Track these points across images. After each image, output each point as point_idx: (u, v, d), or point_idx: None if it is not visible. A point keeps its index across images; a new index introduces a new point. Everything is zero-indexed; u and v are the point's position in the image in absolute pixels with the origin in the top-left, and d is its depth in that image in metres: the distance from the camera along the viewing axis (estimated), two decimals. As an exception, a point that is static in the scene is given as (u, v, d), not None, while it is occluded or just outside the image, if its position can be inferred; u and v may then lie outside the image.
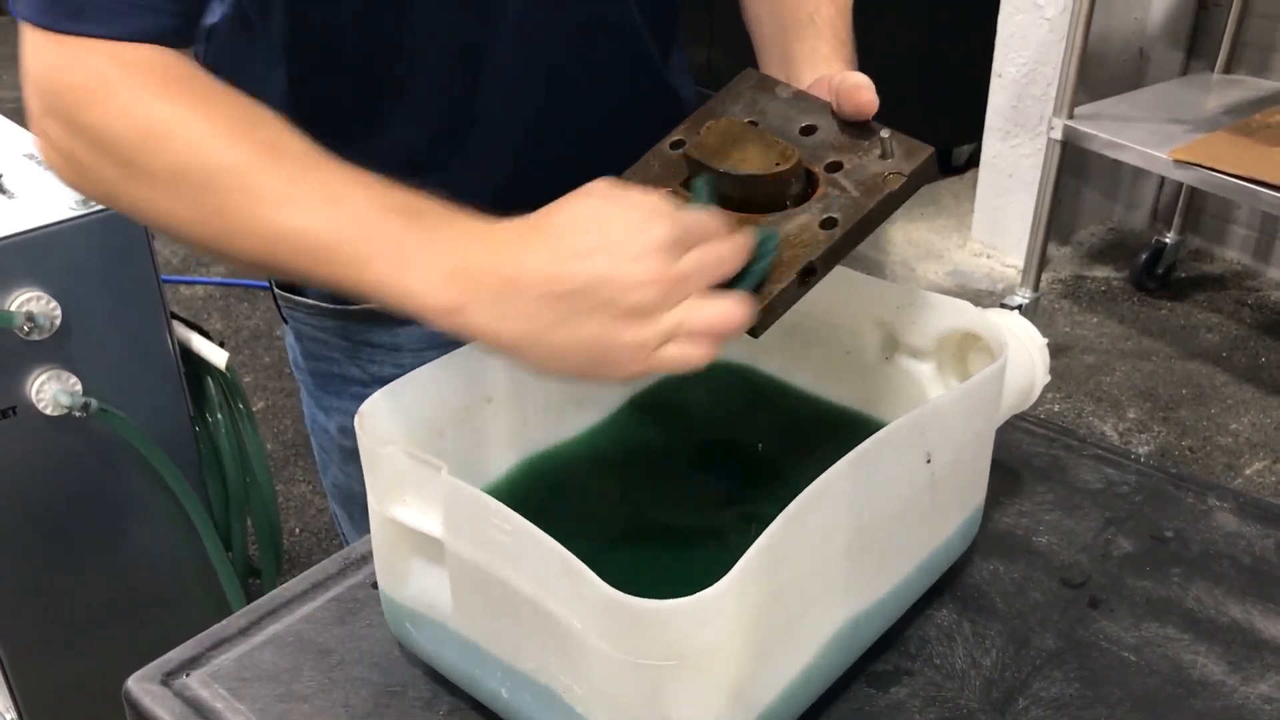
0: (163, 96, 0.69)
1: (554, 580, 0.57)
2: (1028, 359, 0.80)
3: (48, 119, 0.71)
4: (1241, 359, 2.65)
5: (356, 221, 0.64)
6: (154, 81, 0.69)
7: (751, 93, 0.78)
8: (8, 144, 1.43)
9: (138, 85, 0.69)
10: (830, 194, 0.71)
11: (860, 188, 0.71)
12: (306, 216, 0.65)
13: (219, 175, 0.66)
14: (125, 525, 1.40)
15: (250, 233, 0.66)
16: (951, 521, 0.75)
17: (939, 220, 3.30)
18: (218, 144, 0.67)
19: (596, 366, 0.62)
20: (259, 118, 0.69)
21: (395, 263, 0.63)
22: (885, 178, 0.71)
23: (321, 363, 0.99)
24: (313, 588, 0.79)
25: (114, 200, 0.72)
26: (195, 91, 0.69)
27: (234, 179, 0.66)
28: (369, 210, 0.64)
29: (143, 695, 0.71)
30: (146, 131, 0.68)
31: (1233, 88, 2.65)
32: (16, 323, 1.21)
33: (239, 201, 0.66)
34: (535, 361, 0.63)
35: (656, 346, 0.61)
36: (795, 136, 0.74)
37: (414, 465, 0.63)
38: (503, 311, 0.61)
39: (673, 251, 0.61)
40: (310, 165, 0.67)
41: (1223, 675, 0.72)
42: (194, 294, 3.05)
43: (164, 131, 0.67)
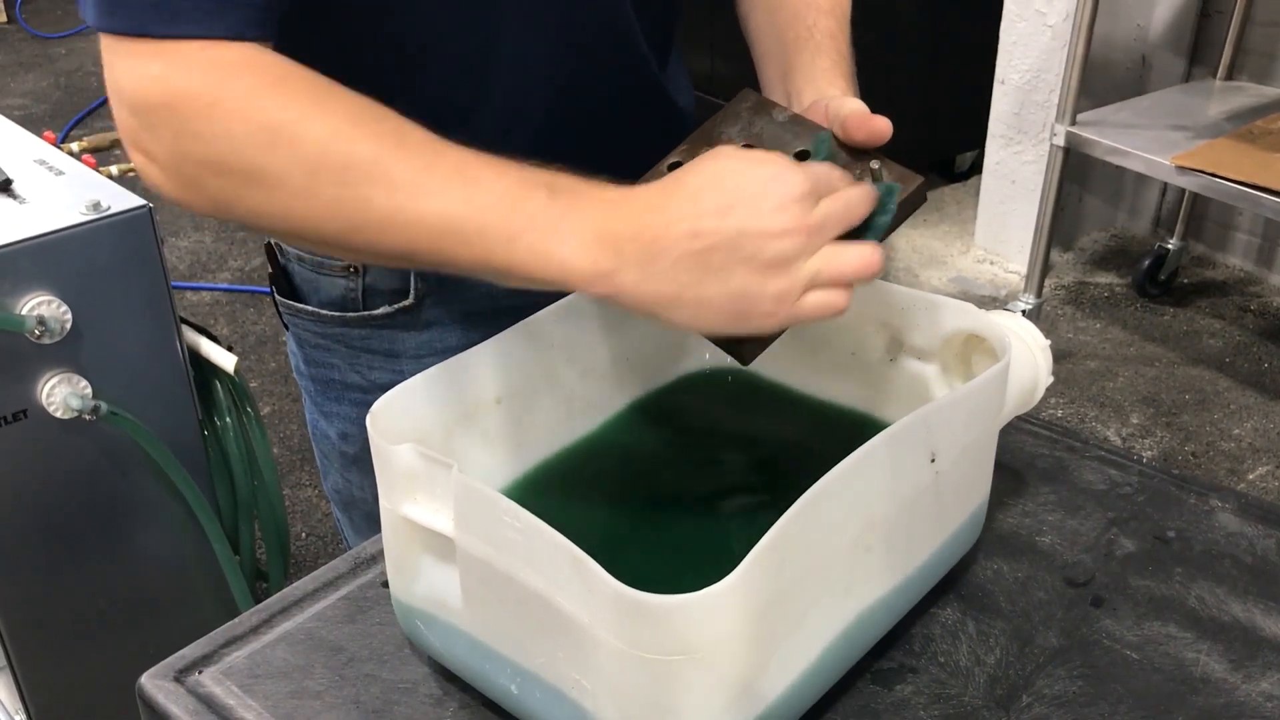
0: (278, 96, 0.67)
1: (563, 576, 0.58)
2: (1031, 360, 0.80)
3: (149, 135, 0.69)
4: (1244, 365, 2.66)
5: (498, 200, 0.65)
6: (266, 81, 0.68)
7: (749, 114, 0.79)
8: (19, 150, 1.44)
9: (251, 87, 0.68)
10: None
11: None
12: (448, 200, 0.65)
13: (354, 169, 0.66)
14: (134, 528, 1.41)
15: (392, 223, 0.66)
16: (955, 520, 0.76)
17: (942, 227, 3.31)
18: (347, 138, 0.66)
19: (742, 319, 0.64)
20: (377, 110, 0.69)
21: (542, 235, 0.64)
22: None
23: (322, 369, 0.99)
24: (323, 586, 0.80)
25: (231, 209, 0.70)
26: (308, 89, 0.68)
27: (370, 171, 0.66)
28: (509, 187, 0.65)
29: (156, 692, 0.72)
30: (271, 133, 0.66)
31: (1235, 94, 2.66)
32: (27, 326, 1.22)
33: (378, 193, 0.66)
34: (683, 318, 0.65)
35: (799, 295, 0.64)
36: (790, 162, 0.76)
37: (425, 463, 0.64)
38: (650, 273, 0.63)
39: (807, 201, 0.64)
40: (439, 151, 0.67)
41: (1224, 673, 0.73)
42: (201, 300, 3.07)
43: (290, 131, 0.66)
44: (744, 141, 0.77)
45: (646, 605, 0.55)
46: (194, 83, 0.67)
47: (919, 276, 3.06)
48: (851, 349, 0.85)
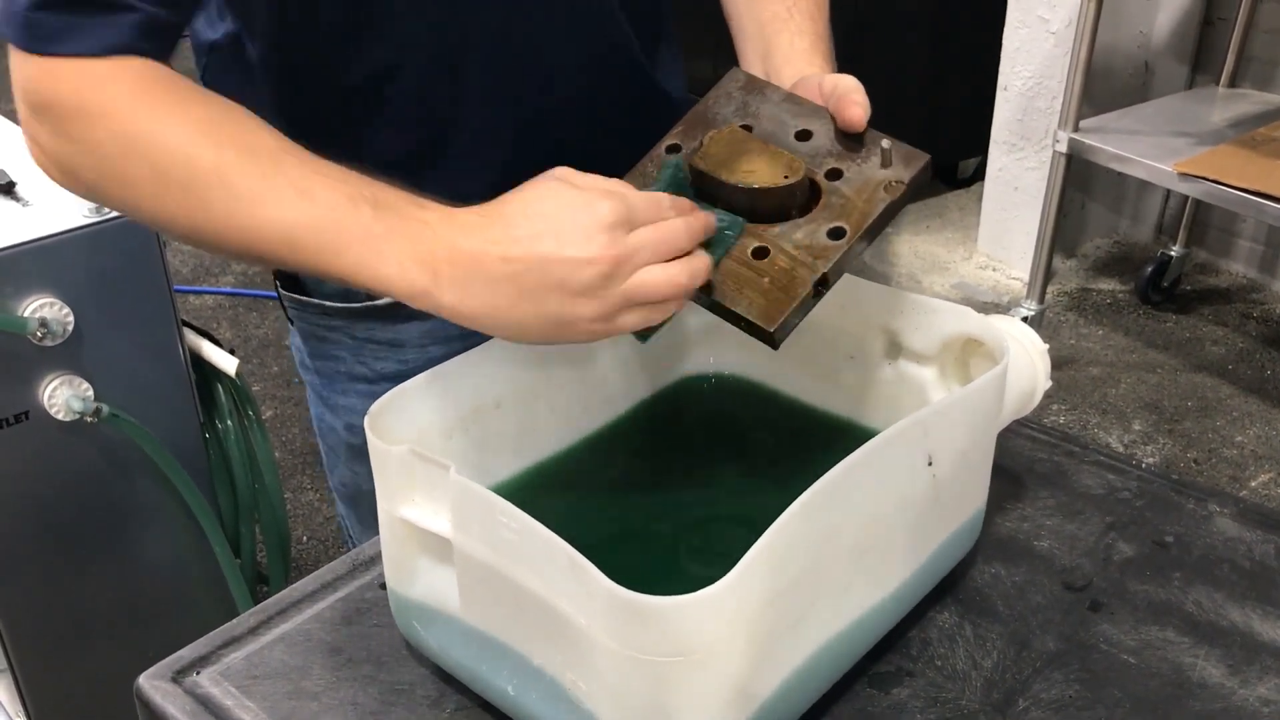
0: (139, 104, 0.72)
1: (560, 577, 0.58)
2: (1029, 364, 0.80)
3: (36, 126, 0.74)
4: (1247, 372, 2.66)
5: (328, 213, 0.68)
6: (130, 91, 0.72)
7: (741, 94, 0.78)
8: (21, 153, 1.45)
9: (114, 96, 0.72)
10: (833, 202, 0.72)
11: (862, 196, 0.72)
12: (281, 210, 0.69)
13: (198, 176, 0.70)
14: (135, 530, 1.41)
15: (231, 228, 0.70)
16: (953, 524, 0.76)
17: (944, 233, 3.31)
18: (194, 146, 0.70)
19: (558, 335, 0.67)
20: (232, 117, 0.72)
21: (366, 251, 0.68)
22: (886, 185, 0.72)
23: (328, 361, 1.00)
24: (322, 588, 0.80)
25: (104, 200, 0.76)
26: (169, 96, 0.72)
27: (212, 178, 0.69)
28: (338, 202, 0.68)
29: (153, 692, 0.72)
30: (127, 139, 0.71)
31: (1237, 101, 2.66)
32: (30, 328, 1.22)
33: (218, 199, 0.70)
34: (508, 334, 0.68)
35: (611, 317, 0.66)
36: (791, 142, 0.75)
37: (423, 465, 0.64)
38: (467, 292, 0.66)
39: (616, 230, 0.66)
40: (282, 161, 0.70)
41: (1222, 678, 0.73)
42: (203, 303, 3.07)
43: (143, 138, 0.71)
44: (741, 121, 0.77)
45: (643, 606, 0.55)
46: (64, 91, 0.72)
47: (921, 282, 3.06)
48: (850, 352, 0.85)
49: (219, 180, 0.69)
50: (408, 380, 0.71)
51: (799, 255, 0.71)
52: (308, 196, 0.69)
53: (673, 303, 0.69)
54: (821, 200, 0.73)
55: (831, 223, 0.72)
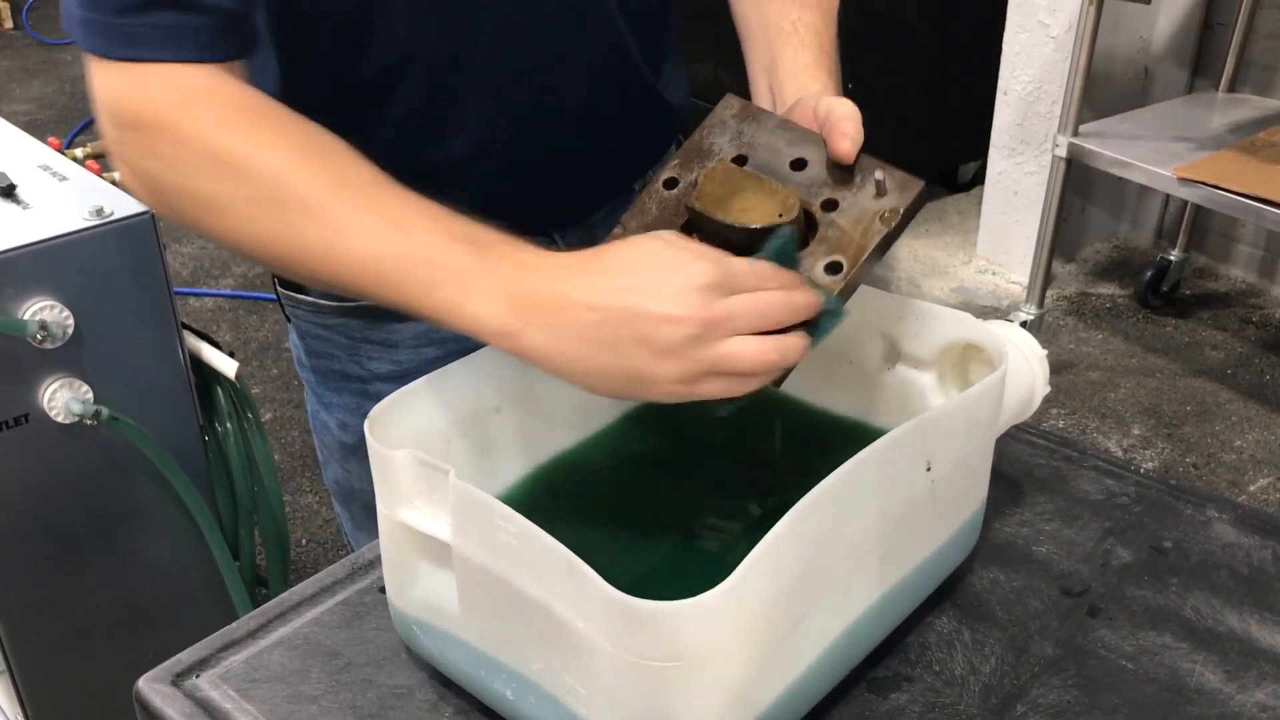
0: (234, 125, 0.71)
1: (559, 582, 0.58)
2: (1028, 369, 0.81)
3: (122, 144, 0.73)
4: (1246, 376, 2.66)
5: (423, 250, 0.67)
6: (223, 109, 0.71)
7: (736, 122, 0.78)
8: (24, 155, 1.45)
9: (208, 114, 0.71)
10: (829, 236, 0.73)
11: (858, 228, 0.72)
12: (376, 244, 0.68)
13: (294, 204, 0.69)
14: (134, 533, 1.41)
15: (324, 259, 0.69)
16: (951, 528, 0.76)
17: (944, 237, 3.32)
18: (291, 173, 0.69)
19: (635, 391, 0.66)
20: (327, 146, 0.71)
21: (458, 289, 0.66)
22: (882, 215, 0.72)
23: (323, 360, 1.01)
24: (321, 591, 0.80)
25: (193, 225, 0.73)
26: (263, 119, 0.72)
27: (309, 208, 0.69)
28: (434, 238, 0.67)
29: (153, 695, 0.72)
30: (221, 162, 0.70)
31: (1237, 106, 2.66)
32: (30, 331, 1.22)
33: (314, 230, 0.69)
34: (586, 384, 0.66)
35: (693, 380, 0.64)
36: (786, 172, 0.76)
37: (422, 469, 0.64)
38: (555, 337, 0.65)
39: (710, 293, 0.64)
40: (378, 194, 0.69)
41: (1219, 683, 0.73)
42: (203, 306, 3.07)
43: (240, 162, 0.70)
44: (736, 152, 0.77)
45: (641, 611, 0.55)
46: (156, 106, 0.71)
47: (921, 286, 3.06)
48: (849, 357, 0.85)
49: (316, 209, 0.69)
50: (407, 384, 0.71)
51: None
52: (404, 231, 0.68)
53: (759, 377, 0.66)
54: (818, 233, 0.73)
55: (829, 257, 0.72)
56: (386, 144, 0.87)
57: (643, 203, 0.78)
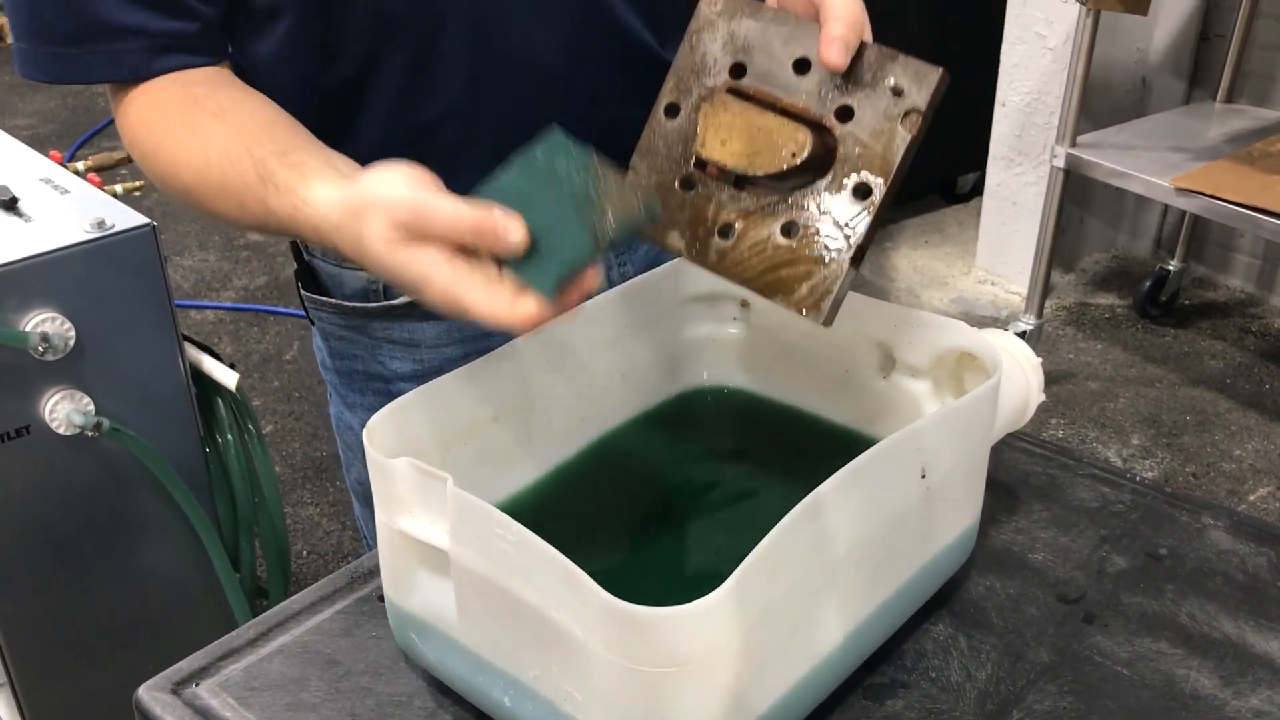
0: (158, 129, 0.82)
1: (556, 588, 0.59)
2: (1022, 377, 0.81)
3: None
4: (1245, 386, 2.66)
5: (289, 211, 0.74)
6: (145, 118, 0.82)
7: (725, 22, 0.72)
8: (26, 169, 1.46)
9: (138, 125, 0.83)
10: (852, 153, 0.67)
11: (880, 139, 0.67)
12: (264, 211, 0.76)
13: (190, 190, 0.81)
14: (135, 544, 1.41)
15: (256, 224, 0.79)
16: (947, 535, 0.76)
17: (943, 248, 3.32)
18: (209, 163, 0.79)
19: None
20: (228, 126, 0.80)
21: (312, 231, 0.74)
22: (903, 118, 0.67)
23: (346, 361, 1.03)
24: (320, 600, 0.81)
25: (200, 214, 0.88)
26: (179, 114, 0.82)
27: (197, 189, 0.80)
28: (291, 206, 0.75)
29: (153, 704, 0.73)
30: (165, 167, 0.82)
31: (1234, 117, 2.67)
32: (31, 343, 1.23)
33: (232, 205, 0.79)
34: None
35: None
36: (790, 79, 0.69)
37: (420, 477, 0.65)
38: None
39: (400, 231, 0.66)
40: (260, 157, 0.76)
41: (1215, 689, 0.73)
42: (204, 318, 3.08)
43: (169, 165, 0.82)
44: (731, 61, 0.71)
45: (637, 617, 0.56)
46: (122, 127, 0.84)
47: (920, 297, 3.07)
48: (845, 366, 0.85)
49: (229, 193, 0.78)
50: (419, 385, 0.72)
51: (829, 226, 0.67)
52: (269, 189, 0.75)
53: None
54: (839, 151, 0.68)
55: (855, 178, 0.67)
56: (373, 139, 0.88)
57: (648, 140, 0.74)
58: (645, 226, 0.71)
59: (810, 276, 0.68)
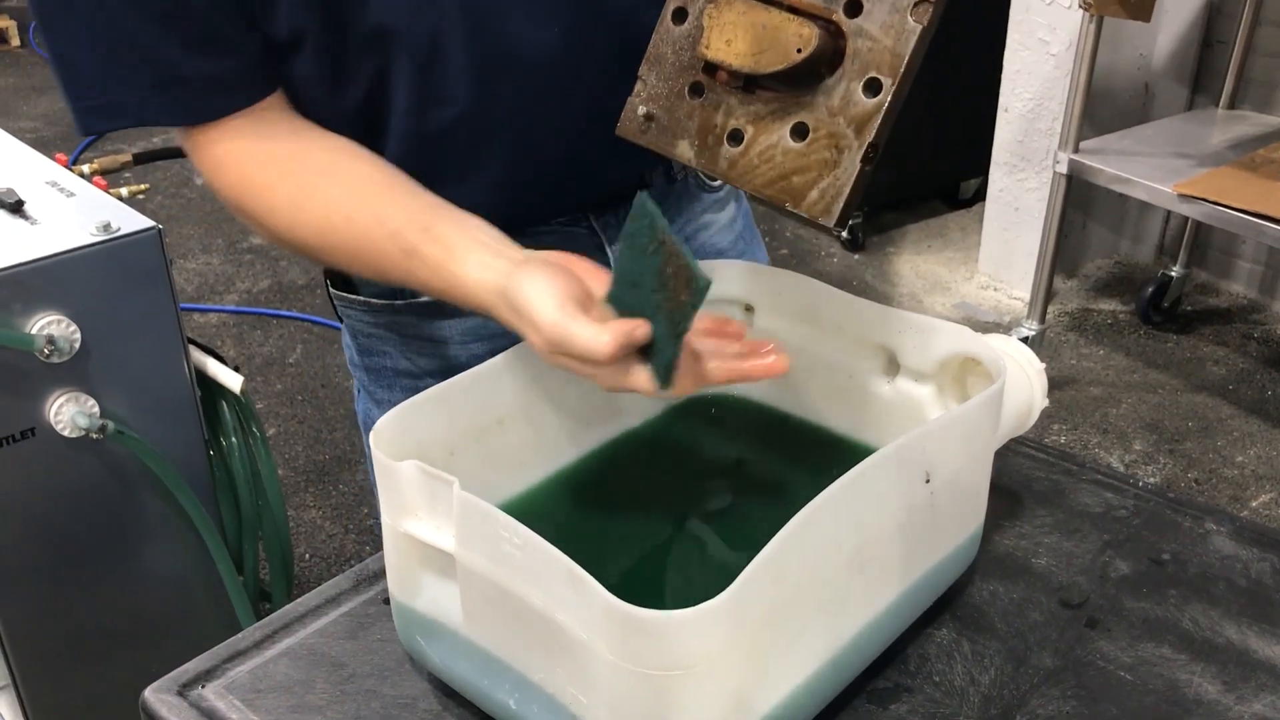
0: (272, 204, 0.85)
1: (561, 591, 0.59)
2: (1026, 382, 0.81)
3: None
4: (1248, 392, 2.66)
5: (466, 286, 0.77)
6: (241, 177, 0.85)
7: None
8: (32, 172, 1.46)
9: (233, 179, 0.85)
10: (861, 48, 0.66)
11: (889, 33, 0.65)
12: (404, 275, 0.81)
13: (357, 244, 0.82)
14: (139, 546, 1.42)
15: (399, 283, 0.83)
16: (951, 540, 0.77)
17: (946, 253, 3.33)
18: (335, 229, 0.82)
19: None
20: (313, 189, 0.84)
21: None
22: (913, 8, 0.65)
23: (375, 358, 1.03)
24: (325, 603, 0.81)
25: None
26: (292, 180, 0.84)
27: (366, 245, 0.82)
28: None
29: (159, 705, 0.73)
30: (269, 225, 0.85)
31: (1237, 123, 2.67)
32: (37, 345, 1.23)
33: (370, 269, 0.84)
34: None
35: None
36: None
37: (427, 480, 0.65)
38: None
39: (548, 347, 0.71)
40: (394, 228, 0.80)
41: (1218, 694, 0.73)
42: (208, 321, 3.08)
43: (283, 224, 0.85)
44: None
45: (642, 620, 0.56)
46: (203, 169, 0.86)
47: (923, 302, 3.07)
48: (849, 371, 0.86)
49: (363, 260, 0.83)
50: (415, 396, 0.72)
51: (840, 126, 0.66)
52: (416, 264, 0.79)
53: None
54: (848, 47, 0.66)
55: (865, 74, 0.66)
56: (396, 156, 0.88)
57: (656, 48, 0.72)
58: (654, 138, 0.74)
59: (821, 179, 0.67)
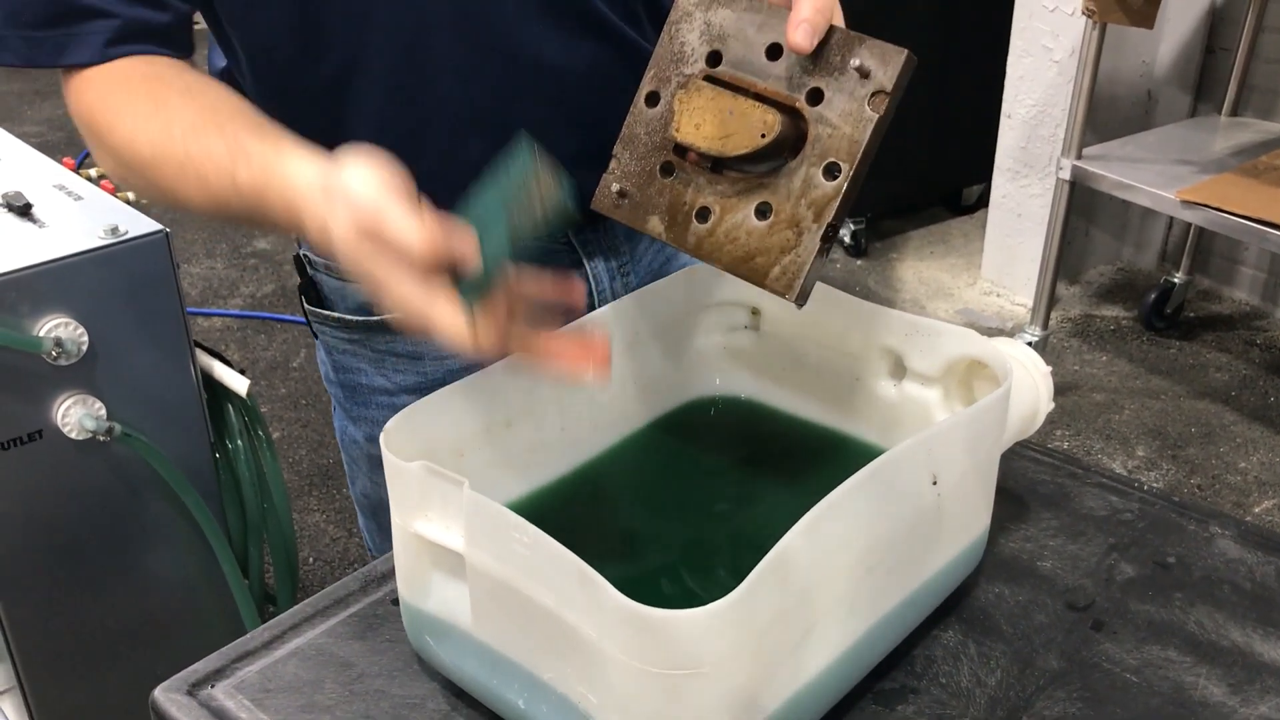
0: (117, 108, 0.82)
1: (571, 591, 0.59)
2: (1032, 385, 0.82)
3: (88, 145, 0.86)
4: (1250, 398, 2.66)
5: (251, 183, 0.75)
6: (104, 96, 0.83)
7: (701, 12, 0.74)
8: (38, 176, 1.47)
9: (97, 105, 0.83)
10: (821, 134, 0.70)
11: (848, 121, 0.69)
12: (221, 188, 0.77)
13: (141, 165, 0.81)
14: (145, 548, 1.42)
15: (214, 202, 0.79)
16: (957, 542, 0.77)
17: (949, 259, 3.33)
18: (134, 138, 0.80)
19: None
20: (160, 98, 0.81)
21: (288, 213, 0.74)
22: (870, 99, 0.69)
23: (350, 374, 1.03)
24: (334, 604, 0.81)
25: (150, 199, 0.88)
26: (133, 92, 0.82)
27: (150, 167, 0.80)
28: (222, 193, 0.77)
29: (169, 705, 0.73)
30: (120, 148, 0.82)
31: (1240, 130, 2.68)
32: (45, 348, 1.24)
33: (160, 184, 0.81)
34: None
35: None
36: (763, 64, 0.72)
37: (436, 481, 0.66)
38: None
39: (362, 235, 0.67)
40: (223, 134, 0.78)
41: (1223, 697, 0.74)
42: (212, 326, 3.09)
43: (125, 144, 0.81)
44: (708, 49, 0.74)
45: (651, 619, 0.56)
46: (81, 109, 0.84)
47: (926, 308, 3.07)
48: (855, 374, 0.86)
49: (153, 168, 0.80)
50: (424, 397, 0.72)
51: (801, 208, 0.70)
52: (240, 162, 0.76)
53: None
54: (809, 133, 0.70)
55: (825, 160, 0.69)
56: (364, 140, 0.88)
57: (630, 129, 0.76)
58: (627, 213, 0.76)
59: (782, 258, 0.70)
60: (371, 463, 1.05)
